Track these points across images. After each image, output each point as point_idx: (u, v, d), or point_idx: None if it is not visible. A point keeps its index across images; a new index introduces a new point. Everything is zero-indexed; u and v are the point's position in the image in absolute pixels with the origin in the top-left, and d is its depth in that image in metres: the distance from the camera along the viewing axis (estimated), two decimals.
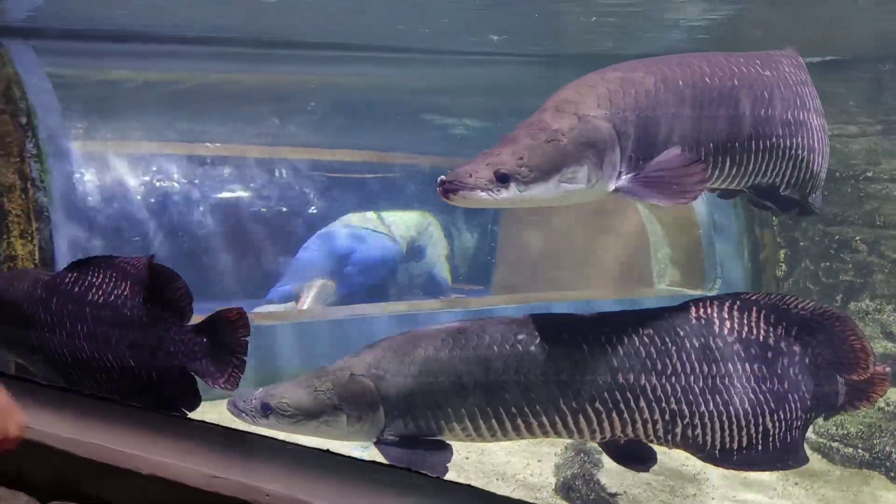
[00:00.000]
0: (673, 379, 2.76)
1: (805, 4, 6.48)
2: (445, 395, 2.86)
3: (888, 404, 5.19)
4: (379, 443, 2.92)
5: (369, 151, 7.34)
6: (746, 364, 2.77)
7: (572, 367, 2.81)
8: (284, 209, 7.03)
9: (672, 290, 8.40)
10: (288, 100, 6.93)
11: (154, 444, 2.76)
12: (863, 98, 7.54)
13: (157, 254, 3.75)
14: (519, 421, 2.85)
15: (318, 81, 7.24)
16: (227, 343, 2.99)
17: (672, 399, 2.76)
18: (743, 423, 2.75)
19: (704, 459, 2.86)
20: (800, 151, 2.99)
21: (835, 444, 4.93)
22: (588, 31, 7.45)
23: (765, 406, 2.76)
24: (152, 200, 6.18)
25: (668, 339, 2.79)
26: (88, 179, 5.94)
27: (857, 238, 6.57)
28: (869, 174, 7.14)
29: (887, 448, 4.77)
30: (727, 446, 2.77)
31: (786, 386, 2.77)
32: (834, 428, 5.03)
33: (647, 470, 3.00)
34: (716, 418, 2.75)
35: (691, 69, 2.87)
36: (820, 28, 7.25)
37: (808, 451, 4.99)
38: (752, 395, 2.76)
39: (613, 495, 4.28)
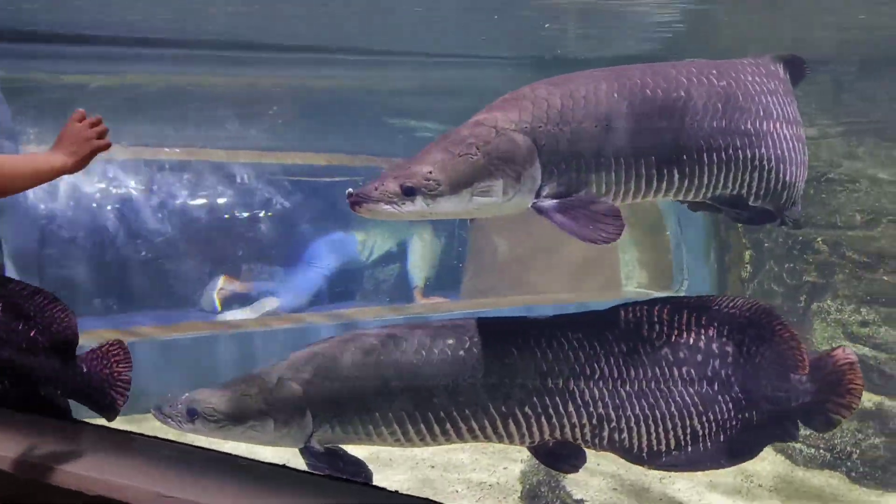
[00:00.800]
0: (601, 383, 2.82)
1: (768, 7, 6.55)
2: (373, 399, 2.84)
3: None
4: (305, 450, 2.90)
5: (333, 154, 7.27)
6: (675, 367, 2.83)
7: (501, 371, 2.83)
8: (246, 214, 6.92)
9: (640, 292, 8.44)
10: (250, 103, 6.83)
11: (101, 462, 2.66)
12: (824, 100, 7.64)
13: (109, 262, 3.67)
14: (448, 426, 2.84)
15: (281, 84, 7.15)
16: (107, 377, 2.94)
17: (599, 403, 2.81)
18: (670, 425, 2.82)
19: (632, 461, 2.93)
20: (764, 162, 2.95)
21: (797, 445, 4.97)
22: (552, 36, 7.46)
23: (692, 408, 2.82)
24: (108, 207, 6.04)
25: (596, 344, 2.84)
26: (40, 186, 5.75)
27: (819, 239, 6.63)
28: (830, 176, 7.22)
29: (848, 448, 4.82)
30: (654, 448, 2.84)
31: (716, 387, 2.83)
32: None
33: (576, 470, 2.99)
34: (642, 422, 2.81)
35: (630, 81, 2.81)
36: (783, 30, 7.34)
37: (772, 453, 5.06)
38: (679, 399, 2.83)
39: (579, 502, 4.26)
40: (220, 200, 6.79)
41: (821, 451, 4.88)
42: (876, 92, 7.88)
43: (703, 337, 2.86)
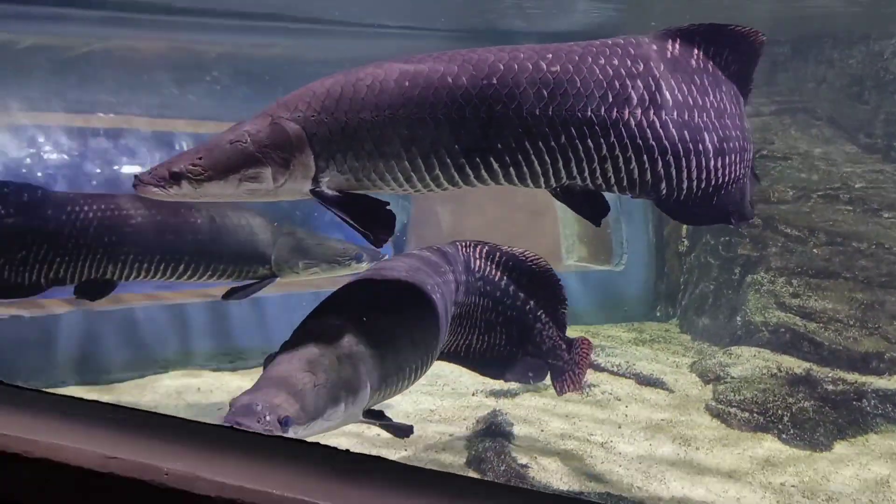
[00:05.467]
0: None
1: None
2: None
3: (780, 370, 5.47)
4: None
5: None
6: (485, 297, 3.75)
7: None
8: None
9: (580, 266, 8.58)
10: (188, 69, 6.62)
11: (46, 426, 2.57)
12: (758, 79, 7.84)
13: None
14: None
15: (221, 50, 6.96)
16: None
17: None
18: (466, 338, 3.78)
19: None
20: (617, 152, 2.75)
21: (732, 410, 5.14)
22: (492, 9, 7.45)
23: (482, 331, 3.81)
24: (38, 174, 5.80)
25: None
26: None
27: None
28: (764, 152, 7.46)
29: (779, 411, 5.01)
30: (459, 348, 3.80)
31: (500, 319, 3.80)
32: (732, 394, 5.25)
33: None
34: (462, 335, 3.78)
35: (431, 69, 2.74)
36: (719, 9, 7.49)
37: (708, 418, 5.22)
38: (481, 320, 3.78)
39: (524, 466, 4.32)
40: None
41: (755, 414, 5.06)
42: (807, 71, 8.15)
43: (505, 278, 3.79)
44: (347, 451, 2.66)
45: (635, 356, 6.41)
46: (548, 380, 5.91)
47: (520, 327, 3.87)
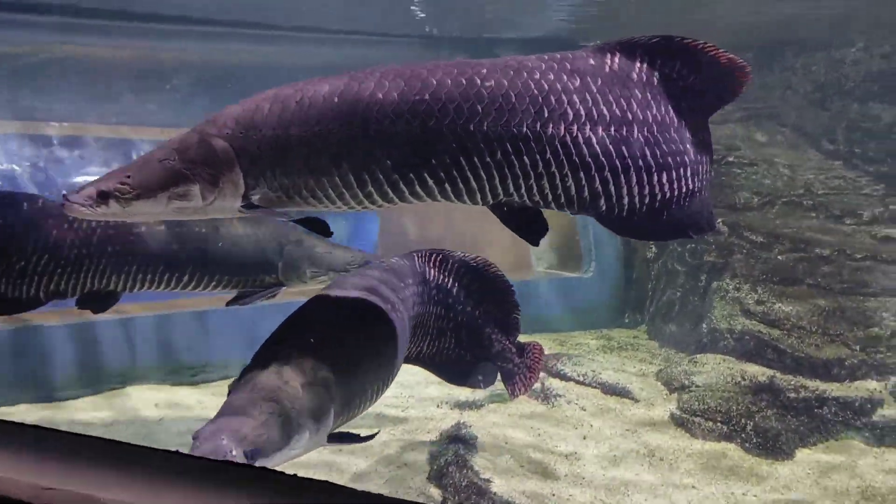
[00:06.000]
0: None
1: None
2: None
3: (744, 378, 5.47)
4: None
5: None
6: (436, 305, 3.83)
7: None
8: None
9: (550, 273, 8.57)
10: (148, 77, 6.51)
11: None
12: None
13: None
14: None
15: (182, 58, 6.84)
16: None
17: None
18: (420, 345, 3.85)
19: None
20: (553, 169, 2.70)
21: (696, 419, 5.13)
22: (464, 15, 7.43)
23: (435, 335, 3.88)
24: None
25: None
26: None
27: (720, 220, 6.85)
28: (730, 159, 7.49)
29: (743, 420, 5.01)
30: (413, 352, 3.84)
31: (451, 325, 3.89)
32: (696, 403, 5.24)
33: None
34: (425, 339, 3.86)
35: (361, 85, 2.69)
36: (684, 18, 7.53)
37: (672, 427, 5.21)
38: (433, 325, 3.85)
39: (486, 481, 4.27)
40: None
41: (718, 423, 5.05)
42: (773, 78, 8.22)
43: (457, 285, 3.88)
44: (295, 475, 2.58)
45: (602, 365, 6.39)
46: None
47: (469, 332, 3.93)
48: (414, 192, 2.73)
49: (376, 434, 3.20)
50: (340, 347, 3.06)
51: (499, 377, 4.12)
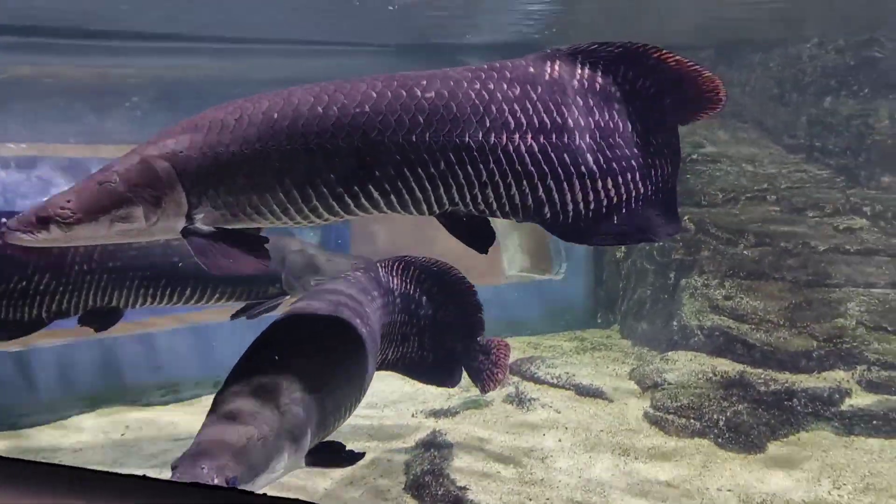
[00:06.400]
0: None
1: None
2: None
3: (715, 374, 5.53)
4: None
5: None
6: (402, 313, 3.88)
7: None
8: None
9: (522, 276, 8.59)
10: (106, 94, 6.42)
11: None
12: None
13: None
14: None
15: (141, 74, 6.77)
16: None
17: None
18: (392, 351, 3.89)
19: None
20: (497, 178, 2.72)
21: (670, 417, 5.18)
22: (430, 23, 7.43)
23: (401, 342, 3.93)
24: None
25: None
26: None
27: (686, 217, 6.93)
28: (694, 156, 7.58)
29: (714, 416, 5.06)
30: (388, 359, 3.90)
31: (414, 331, 3.95)
32: (669, 401, 5.29)
33: None
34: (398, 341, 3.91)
35: (301, 100, 2.70)
36: (645, 17, 7.60)
37: (647, 425, 5.25)
38: (399, 335, 3.89)
39: (462, 489, 4.26)
40: None
41: (691, 420, 5.10)
42: (732, 76, 8.32)
43: (418, 290, 3.93)
44: (265, 494, 2.56)
45: (575, 366, 6.42)
46: (489, 395, 5.90)
47: (432, 335, 3.99)
48: (359, 204, 2.73)
49: (362, 456, 3.15)
50: (313, 366, 3.04)
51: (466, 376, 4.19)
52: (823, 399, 5.18)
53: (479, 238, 2.88)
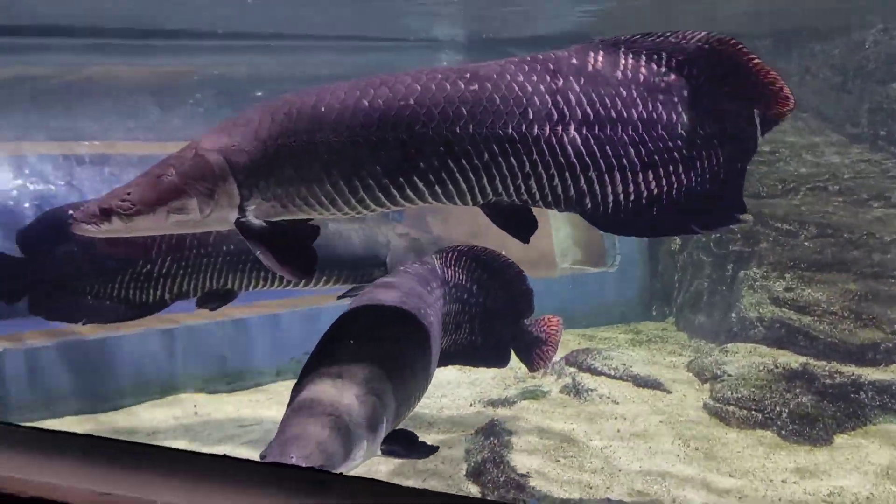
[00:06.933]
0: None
1: None
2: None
3: (777, 366, 5.46)
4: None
5: None
6: (459, 301, 3.94)
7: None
8: None
9: (575, 269, 8.57)
10: (171, 92, 6.63)
11: (37, 464, 2.55)
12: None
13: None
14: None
15: (204, 72, 6.96)
16: None
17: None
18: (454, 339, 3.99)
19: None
20: (540, 169, 2.76)
21: (730, 408, 5.13)
22: (483, 16, 7.48)
23: (462, 324, 3.99)
24: (26, 205, 5.79)
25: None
26: None
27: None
28: None
29: (777, 408, 5.00)
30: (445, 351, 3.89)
31: (466, 318, 4.00)
32: (729, 392, 5.24)
33: None
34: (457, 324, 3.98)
35: (346, 93, 2.77)
36: (699, 8, 7.52)
37: (706, 416, 5.21)
38: (456, 319, 3.95)
39: (523, 476, 4.31)
40: None
41: (753, 412, 5.05)
42: (791, 64, 8.17)
43: (470, 279, 3.99)
44: (341, 474, 2.65)
45: (632, 358, 6.40)
46: (546, 386, 5.92)
47: (482, 321, 4.06)
48: (405, 195, 2.80)
49: (436, 450, 3.23)
50: (385, 356, 3.11)
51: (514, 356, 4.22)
52: (892, 392, 5.08)
53: (522, 227, 2.93)
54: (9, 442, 2.62)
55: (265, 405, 5.67)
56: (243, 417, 5.42)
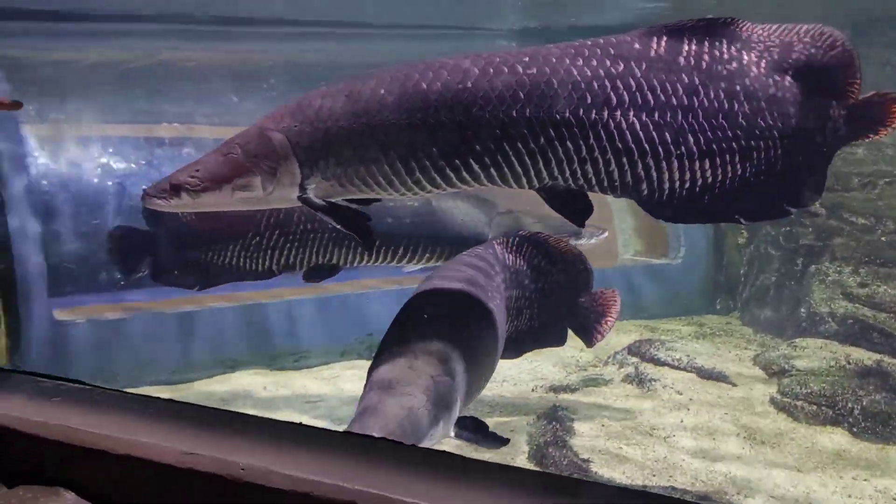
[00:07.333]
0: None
1: None
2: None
3: (849, 362, 5.33)
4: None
5: None
6: (518, 288, 3.98)
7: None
8: None
9: (637, 260, 8.50)
10: (246, 77, 6.81)
11: (125, 424, 2.70)
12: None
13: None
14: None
15: (277, 59, 7.11)
16: None
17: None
18: (519, 318, 4.02)
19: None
20: (596, 154, 2.76)
21: (799, 403, 5.04)
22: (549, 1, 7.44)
23: (523, 311, 4.03)
24: (109, 183, 6.05)
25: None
26: (42, 162, 5.80)
27: (818, 202, 6.66)
28: None
29: (849, 404, 4.89)
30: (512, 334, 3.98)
31: (526, 303, 4.03)
32: (798, 387, 5.15)
33: None
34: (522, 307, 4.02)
35: (404, 77, 2.79)
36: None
37: (773, 411, 5.13)
38: (521, 305, 4.00)
39: (586, 460, 4.32)
40: None
41: (823, 407, 4.95)
42: (870, 55, 7.90)
43: (529, 263, 4.04)
44: (414, 445, 2.71)
45: (696, 350, 6.33)
46: (608, 375, 5.91)
47: (540, 305, 4.09)
48: (461, 177, 2.84)
49: (507, 442, 3.33)
50: (458, 339, 3.16)
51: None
52: None
53: (578, 211, 2.95)
54: (102, 404, 2.77)
55: (331, 382, 5.81)
56: (310, 394, 5.57)
